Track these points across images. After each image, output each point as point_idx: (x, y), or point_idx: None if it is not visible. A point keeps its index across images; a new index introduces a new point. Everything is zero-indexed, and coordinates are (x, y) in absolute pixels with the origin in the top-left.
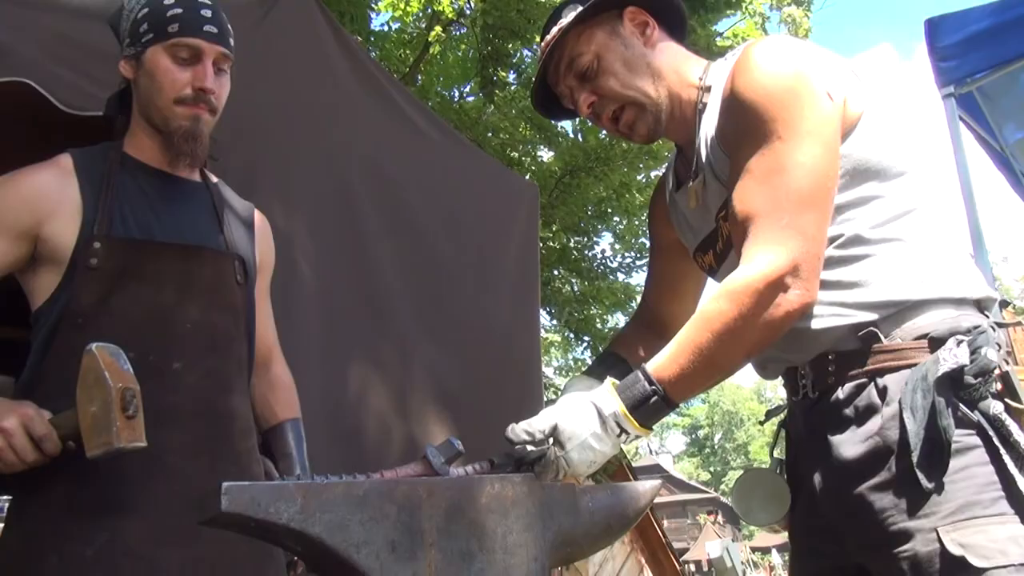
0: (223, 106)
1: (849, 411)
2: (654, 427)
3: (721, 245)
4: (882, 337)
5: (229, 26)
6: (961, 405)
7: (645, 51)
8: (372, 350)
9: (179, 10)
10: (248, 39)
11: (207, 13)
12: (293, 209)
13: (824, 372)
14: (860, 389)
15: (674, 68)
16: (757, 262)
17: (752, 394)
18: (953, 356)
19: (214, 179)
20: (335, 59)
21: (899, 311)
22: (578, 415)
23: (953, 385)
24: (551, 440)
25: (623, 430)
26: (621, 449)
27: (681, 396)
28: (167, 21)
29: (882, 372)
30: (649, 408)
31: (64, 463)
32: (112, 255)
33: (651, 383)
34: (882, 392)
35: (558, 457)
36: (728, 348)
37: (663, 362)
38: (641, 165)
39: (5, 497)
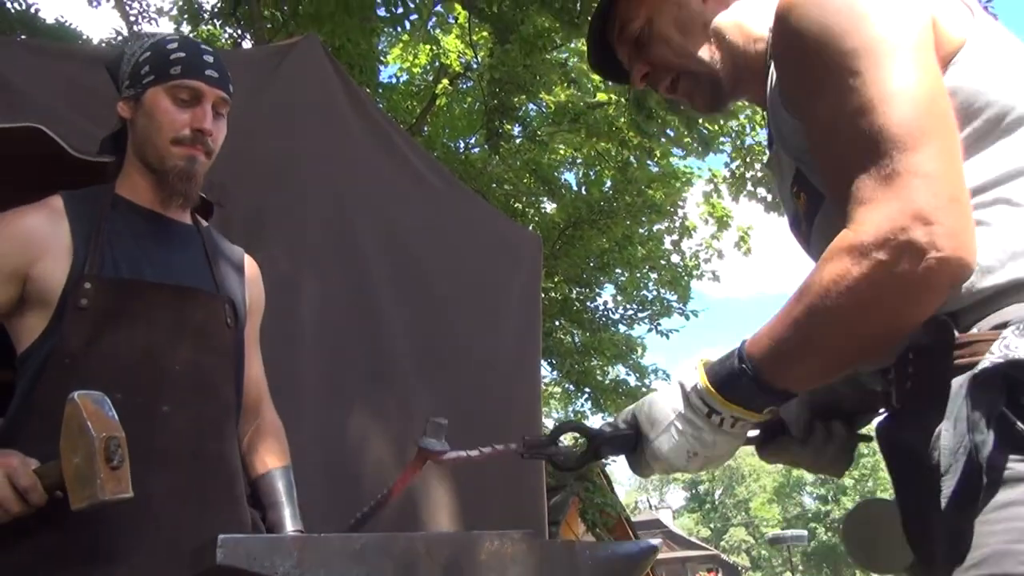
0: (218, 150)
1: (919, 426)
2: (763, 411)
3: (804, 225)
4: (960, 327)
5: (228, 72)
6: (1019, 422)
7: (702, 8)
8: (373, 397)
9: (182, 54)
10: (261, 88)
11: (209, 58)
12: (299, 256)
13: (904, 375)
14: (928, 396)
15: (737, 23)
16: (861, 222)
17: (752, 449)
18: (1004, 348)
19: (204, 223)
20: (344, 109)
21: (994, 294)
22: (662, 397)
23: (1008, 388)
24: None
25: (712, 410)
26: (620, 502)
27: (778, 379)
28: (170, 64)
29: (956, 371)
30: (740, 388)
31: (50, 511)
32: (102, 295)
33: (741, 359)
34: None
35: (645, 448)
36: (827, 327)
37: (758, 335)
38: (644, 219)
39: None
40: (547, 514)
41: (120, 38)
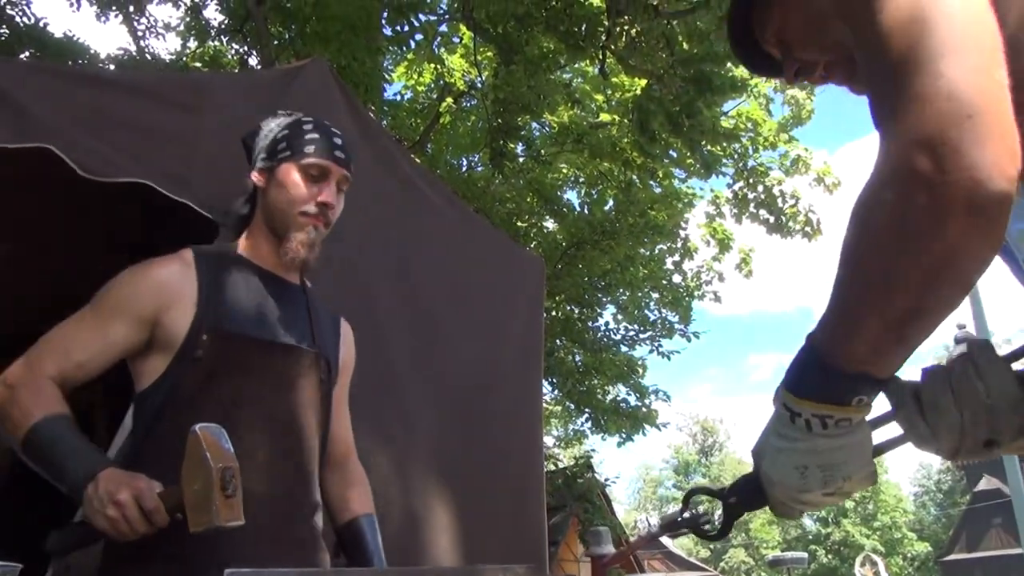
0: (335, 221)
1: None
2: (851, 402)
3: None
4: None
5: (353, 153)
6: None
7: None
8: (375, 420)
9: (316, 135)
10: (271, 109)
11: (337, 141)
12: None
13: None
14: None
15: None
16: (878, 154)
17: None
18: None
19: (309, 284)
20: (349, 130)
21: None
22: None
23: None
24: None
25: (792, 412)
26: (619, 524)
27: (841, 358)
28: (304, 143)
29: None
30: (809, 379)
31: (142, 550)
32: (216, 348)
33: (806, 342)
34: None
35: (762, 479)
36: (865, 287)
37: (822, 316)
38: (646, 240)
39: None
40: (547, 535)
41: (126, 55)
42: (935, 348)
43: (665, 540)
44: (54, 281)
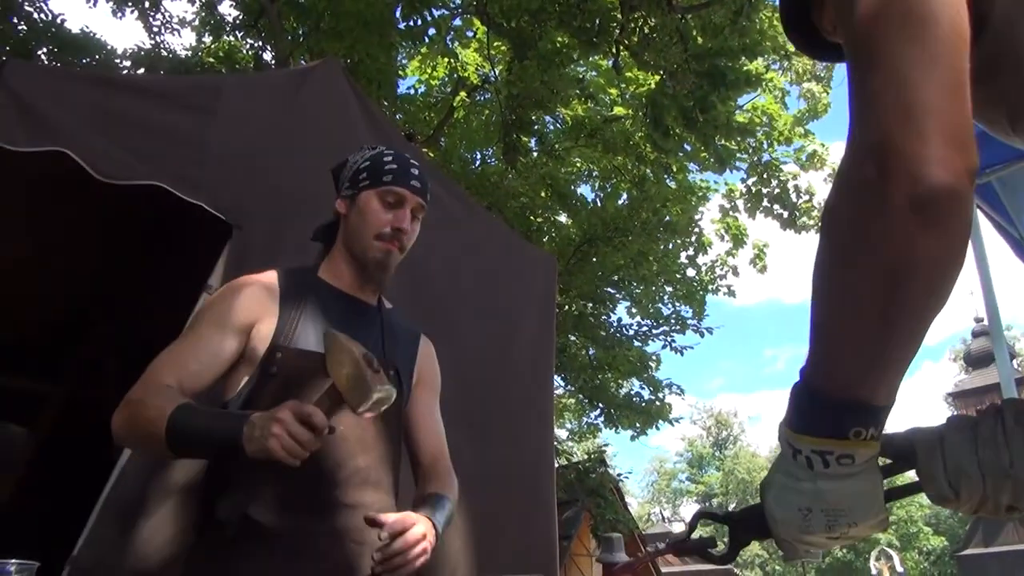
0: (410, 245)
1: None
2: (848, 435)
3: None
4: None
5: (429, 183)
6: None
7: None
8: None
9: (394, 165)
10: (282, 112)
11: (414, 171)
12: None
13: None
14: None
15: None
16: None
17: (767, 463)
18: None
19: (388, 305)
20: (362, 132)
21: None
22: None
23: None
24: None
25: (794, 449)
26: (632, 518)
27: (831, 385)
28: (384, 172)
29: None
30: (804, 411)
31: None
32: (289, 364)
33: (799, 374)
34: None
35: (765, 512)
36: (831, 299)
37: None
38: (659, 236)
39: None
40: (559, 530)
41: (142, 50)
42: (951, 340)
43: (678, 532)
44: (68, 280)
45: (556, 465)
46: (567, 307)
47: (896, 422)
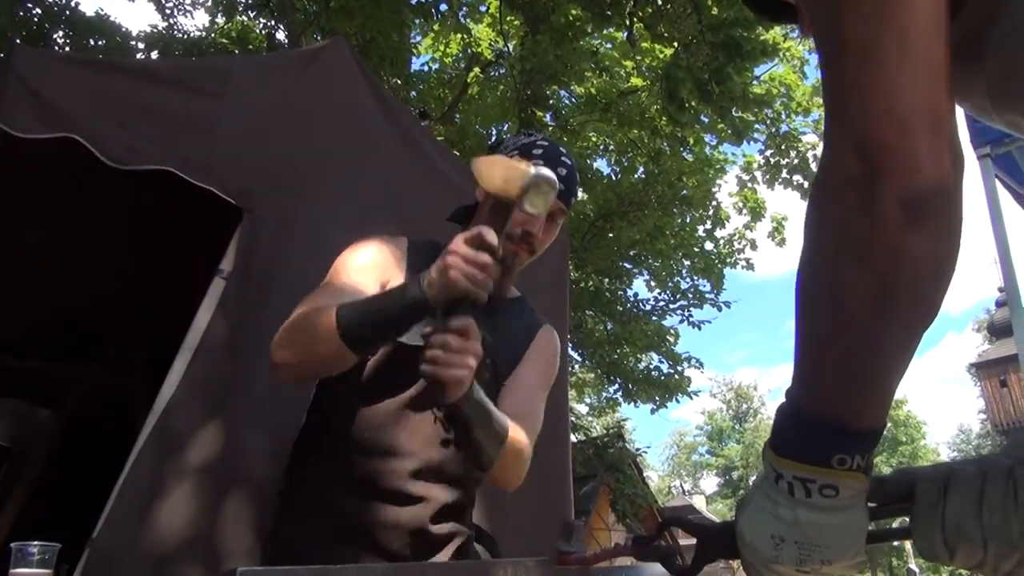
0: (543, 249)
1: None
2: (831, 462)
3: None
4: None
5: (577, 185)
6: None
7: None
8: None
9: (540, 161)
10: (291, 93)
11: (562, 171)
12: (324, 256)
13: None
14: None
15: None
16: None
17: None
18: None
19: (517, 293)
20: (371, 113)
21: None
22: None
23: None
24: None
25: (777, 473)
26: (651, 493)
27: (805, 402)
28: None
29: None
30: (785, 432)
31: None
32: (387, 353)
33: (786, 394)
34: None
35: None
36: (813, 309)
37: None
38: (675, 210)
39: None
40: (575, 505)
41: (155, 32)
42: (974, 310)
43: (700, 506)
44: (87, 267)
45: (574, 440)
46: (583, 283)
47: (921, 396)
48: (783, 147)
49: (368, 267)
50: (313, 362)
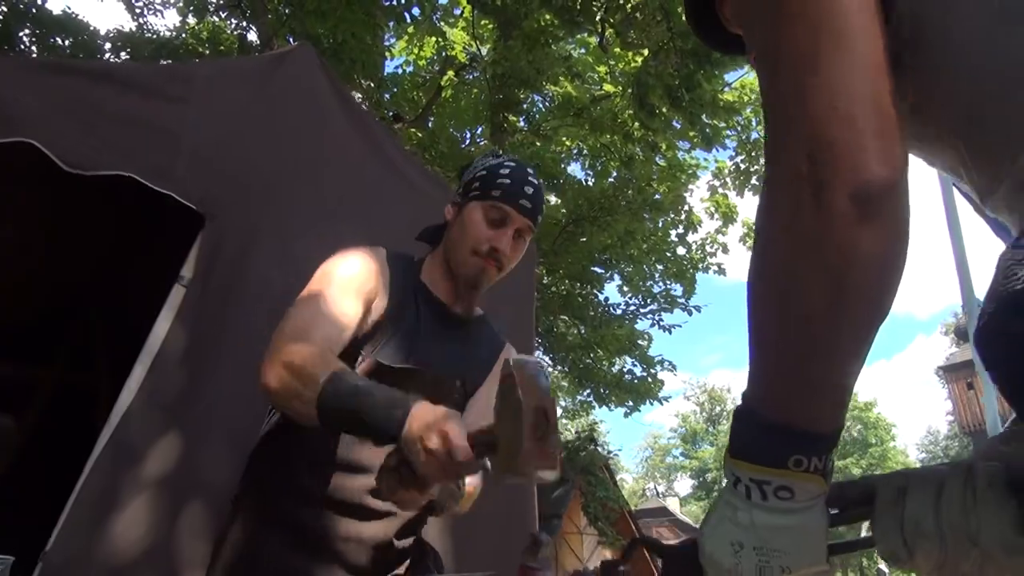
0: (512, 266)
1: None
2: (787, 464)
3: None
4: None
5: (543, 204)
6: None
7: None
8: None
9: (507, 181)
10: (255, 100)
11: (528, 190)
12: (288, 263)
13: None
14: None
15: None
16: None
17: None
18: None
19: (479, 312)
20: (336, 119)
21: None
22: None
23: None
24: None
25: (735, 476)
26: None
27: (757, 401)
28: (494, 186)
29: None
30: (740, 433)
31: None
32: (377, 375)
33: (742, 395)
34: None
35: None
36: (764, 307)
37: None
38: (646, 215)
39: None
40: (547, 509)
41: (124, 32)
42: (943, 314)
43: (673, 508)
44: (50, 269)
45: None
46: (555, 287)
47: (890, 399)
48: (753, 153)
49: (353, 288)
50: (288, 408)
